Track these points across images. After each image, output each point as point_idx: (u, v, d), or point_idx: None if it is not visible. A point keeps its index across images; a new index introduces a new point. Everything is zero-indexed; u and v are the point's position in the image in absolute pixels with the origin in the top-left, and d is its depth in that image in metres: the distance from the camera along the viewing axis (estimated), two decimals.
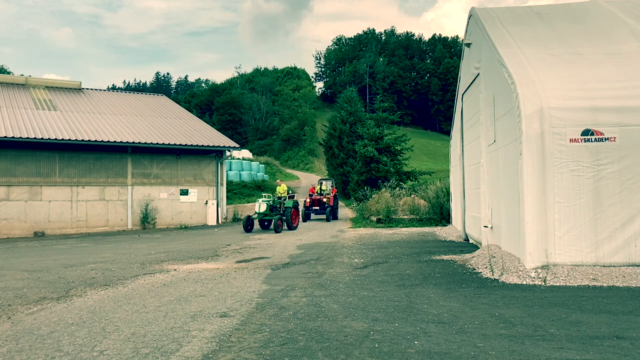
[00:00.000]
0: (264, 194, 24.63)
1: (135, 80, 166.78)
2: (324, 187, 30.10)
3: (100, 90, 37.02)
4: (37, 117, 26.16)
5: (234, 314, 7.73)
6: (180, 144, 26.76)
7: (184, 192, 27.72)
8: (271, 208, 23.01)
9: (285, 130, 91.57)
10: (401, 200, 28.53)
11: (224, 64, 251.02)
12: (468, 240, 17.68)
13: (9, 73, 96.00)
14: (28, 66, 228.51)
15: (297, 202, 23.98)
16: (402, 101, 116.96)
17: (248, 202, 44.46)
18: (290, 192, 25.74)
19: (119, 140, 25.15)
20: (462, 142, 18.88)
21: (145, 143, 25.80)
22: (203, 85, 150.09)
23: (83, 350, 6.07)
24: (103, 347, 6.19)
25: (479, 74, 14.75)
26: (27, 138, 22.83)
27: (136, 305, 8.56)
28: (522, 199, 10.13)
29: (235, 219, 30.04)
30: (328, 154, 56.01)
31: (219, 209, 28.64)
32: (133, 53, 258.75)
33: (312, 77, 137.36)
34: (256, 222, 24.92)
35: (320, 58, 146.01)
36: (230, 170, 51.71)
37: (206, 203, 28.14)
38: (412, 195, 29.44)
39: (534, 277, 9.66)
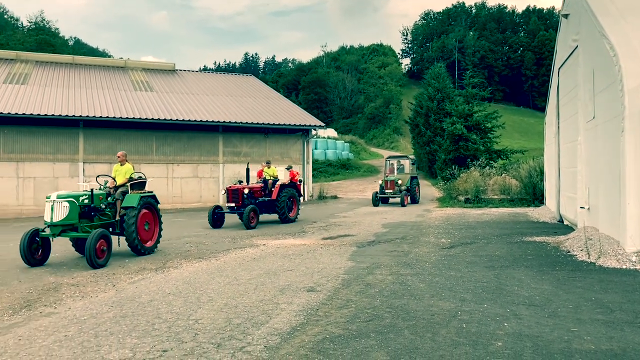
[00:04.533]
0: (83, 184, 13.85)
1: (225, 61, 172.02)
2: (269, 170, 19.12)
3: (193, 71, 38.45)
4: (135, 98, 27.64)
5: (320, 289, 7.88)
6: (268, 123, 27.35)
7: None
8: (88, 212, 11.29)
9: (370, 109, 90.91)
10: (491, 180, 27.69)
11: (310, 43, 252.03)
12: (562, 221, 16.90)
13: (109, 57, 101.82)
14: (127, 50, 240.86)
15: (150, 198, 12.30)
16: (493, 76, 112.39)
17: (333, 181, 44.87)
18: (139, 177, 12.94)
19: (211, 120, 26.08)
20: (558, 118, 17.94)
21: (236, 122, 26.59)
22: (290, 65, 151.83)
23: (180, 319, 6.45)
24: (198, 316, 6.54)
25: (577, 47, 13.89)
26: (127, 118, 24.23)
27: (228, 277, 8.94)
28: (622, 179, 9.52)
29: (321, 197, 30.42)
30: (414, 132, 55.19)
31: (305, 186, 29.08)
32: (222, 34, 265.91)
33: (399, 53, 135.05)
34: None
35: (407, 34, 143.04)
36: (315, 149, 52.31)
37: None
38: (503, 175, 28.48)
39: (635, 262, 9.09)
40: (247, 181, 19.09)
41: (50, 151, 23.78)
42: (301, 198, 19.58)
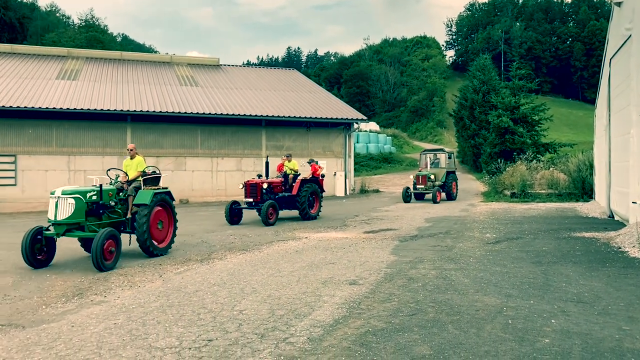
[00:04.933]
0: (94, 178, 11.84)
1: (267, 55, 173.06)
2: (289, 164, 18.21)
3: (236, 66, 38.88)
4: (181, 92, 28.16)
5: (362, 282, 7.87)
6: (310, 117, 27.42)
7: None
8: (96, 209, 10.28)
9: (413, 102, 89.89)
10: (538, 174, 27.03)
11: (353, 36, 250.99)
12: (613, 217, 16.35)
13: (156, 52, 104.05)
14: (172, 45, 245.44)
15: (165, 195, 11.33)
16: (541, 68, 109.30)
17: (375, 175, 44.68)
18: (152, 171, 11.93)
19: (254, 114, 26.35)
20: (609, 111, 17.34)
21: (278, 116, 26.78)
22: (332, 58, 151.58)
23: (224, 309, 6.56)
24: (242, 307, 6.63)
25: (630, 36, 13.36)
26: (173, 112, 24.73)
27: (271, 269, 9.03)
28: None
29: (363, 191, 30.34)
30: (458, 125, 54.34)
31: (347, 180, 29.08)
32: (265, 29, 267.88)
33: (443, 45, 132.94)
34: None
35: (451, 25, 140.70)
36: (357, 142, 52.12)
37: (334, 174, 28.67)
38: (551, 169, 27.76)
39: None
40: (266, 175, 18.15)
41: (99, 145, 24.52)
42: (323, 193, 18.59)
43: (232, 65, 37.99)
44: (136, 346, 5.23)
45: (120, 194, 10.94)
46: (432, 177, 24.65)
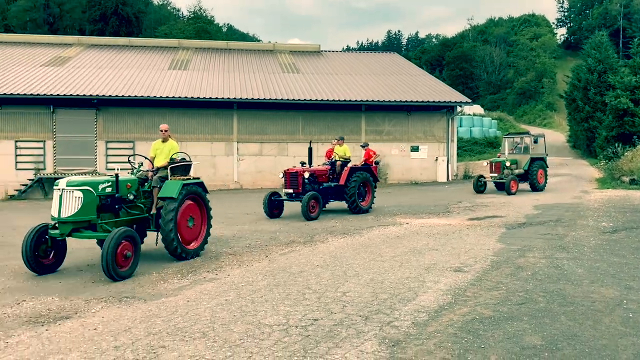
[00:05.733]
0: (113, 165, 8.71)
1: (367, 40, 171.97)
2: (339, 150, 16.10)
3: (336, 52, 39.05)
4: (283, 80, 28.78)
5: (468, 270, 7.69)
6: (411, 101, 26.99)
7: (415, 149, 28.05)
8: (112, 204, 8.38)
9: (520, 83, 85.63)
10: None
11: (455, 17, 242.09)
12: None
13: (259, 41, 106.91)
14: (274, 34, 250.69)
15: (197, 186, 9.37)
16: None
17: (479, 160, 43.26)
18: (182, 158, 9.94)
19: (354, 99, 26.38)
20: None
21: (378, 101, 26.61)
22: (433, 40, 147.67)
23: (328, 290, 6.68)
24: (345, 289, 6.72)
25: None
26: (276, 99, 25.38)
27: (373, 253, 9.07)
28: None
29: (466, 177, 29.47)
30: (570, 108, 51.12)
31: (449, 165, 28.37)
32: (365, 13, 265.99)
33: (553, 23, 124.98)
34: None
35: (563, 1, 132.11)
36: (460, 126, 50.56)
37: (436, 160, 28.09)
38: None
39: None
40: (310, 163, 15.88)
41: (208, 131, 25.71)
42: (377, 183, 16.44)
43: (333, 51, 38.21)
44: (246, 322, 5.47)
45: (145, 184, 9.22)
46: (509, 164, 21.60)
